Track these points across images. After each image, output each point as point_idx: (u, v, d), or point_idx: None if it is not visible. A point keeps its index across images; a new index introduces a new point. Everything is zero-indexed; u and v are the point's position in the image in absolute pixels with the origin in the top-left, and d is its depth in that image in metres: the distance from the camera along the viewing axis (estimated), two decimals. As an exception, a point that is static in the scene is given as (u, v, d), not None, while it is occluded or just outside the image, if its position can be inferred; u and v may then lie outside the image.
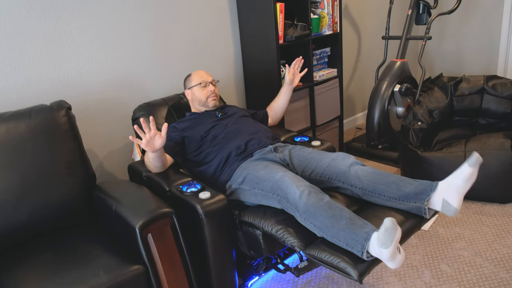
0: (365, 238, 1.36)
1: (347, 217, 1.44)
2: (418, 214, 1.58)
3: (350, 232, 1.40)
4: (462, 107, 2.80)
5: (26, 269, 1.47)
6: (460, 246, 2.12)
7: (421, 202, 1.55)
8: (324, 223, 1.45)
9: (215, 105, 2.12)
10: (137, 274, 1.45)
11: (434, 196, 1.54)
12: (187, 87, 2.15)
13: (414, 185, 1.60)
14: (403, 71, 3.14)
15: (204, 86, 2.10)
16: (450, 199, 1.50)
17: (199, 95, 2.10)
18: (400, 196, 1.60)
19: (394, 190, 1.61)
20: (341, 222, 1.43)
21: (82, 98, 2.11)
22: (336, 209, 1.48)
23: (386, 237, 1.29)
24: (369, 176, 1.69)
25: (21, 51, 1.88)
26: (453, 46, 4.18)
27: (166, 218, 1.55)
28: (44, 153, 1.66)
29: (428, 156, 2.49)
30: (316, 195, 1.53)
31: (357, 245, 1.37)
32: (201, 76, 2.12)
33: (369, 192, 1.68)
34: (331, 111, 3.08)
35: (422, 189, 1.57)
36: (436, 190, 1.54)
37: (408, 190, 1.59)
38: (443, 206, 1.53)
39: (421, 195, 1.56)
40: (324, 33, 2.88)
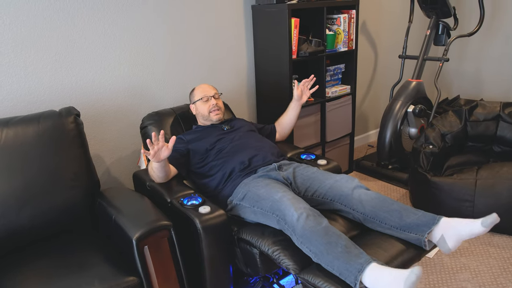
0: (358, 270, 1.34)
1: (343, 244, 1.42)
2: (418, 245, 1.55)
3: (344, 262, 1.37)
4: (476, 133, 2.74)
5: (25, 273, 1.49)
6: (465, 277, 2.06)
7: (422, 234, 1.52)
8: (320, 249, 1.43)
9: (218, 119, 2.12)
10: (131, 286, 1.45)
11: (435, 230, 1.51)
12: (192, 101, 2.16)
13: (417, 215, 1.56)
14: (418, 91, 3.10)
15: (206, 101, 2.10)
16: (448, 239, 1.48)
17: (202, 109, 2.11)
18: (402, 226, 1.57)
19: (396, 219, 1.59)
20: (336, 250, 1.41)
21: (93, 104, 2.14)
22: (332, 235, 1.46)
23: (414, 284, 1.27)
24: (372, 201, 1.67)
25: (36, 56, 1.92)
26: (472, 67, 4.11)
27: (164, 231, 1.55)
28: (50, 158, 1.69)
29: (437, 181, 2.45)
30: (315, 218, 1.51)
31: (351, 276, 1.35)
32: (203, 91, 2.13)
33: (370, 218, 1.65)
34: (342, 128, 3.05)
35: (424, 221, 1.54)
36: (438, 224, 1.51)
37: (410, 220, 1.56)
38: (439, 241, 1.50)
39: (423, 227, 1.53)
40: (339, 49, 2.86)
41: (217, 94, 2.14)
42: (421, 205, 2.61)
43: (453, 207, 2.41)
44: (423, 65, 3.20)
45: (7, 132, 1.65)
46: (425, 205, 2.57)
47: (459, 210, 2.40)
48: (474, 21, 3.94)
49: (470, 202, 2.35)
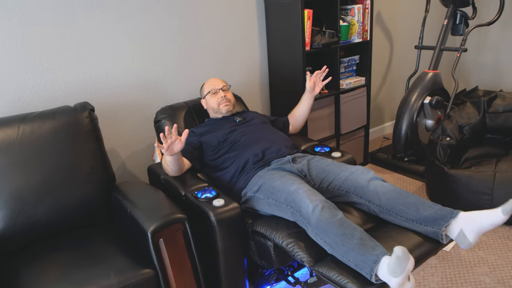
0: (374, 261, 1.33)
1: (358, 236, 1.41)
2: (434, 238, 1.53)
3: (360, 253, 1.36)
4: (495, 125, 2.68)
5: (43, 265, 1.52)
6: (483, 271, 2.03)
7: (439, 227, 1.50)
8: (335, 240, 1.42)
9: (228, 110, 2.12)
10: (147, 278, 1.47)
11: (453, 224, 1.49)
12: (202, 96, 2.18)
13: (434, 209, 1.54)
14: (435, 82, 3.04)
15: (214, 93, 2.11)
16: (468, 233, 1.45)
17: (211, 102, 2.12)
18: (418, 219, 1.55)
19: (413, 211, 1.56)
20: (352, 242, 1.40)
21: (107, 99, 2.16)
22: (348, 227, 1.45)
23: (397, 266, 1.26)
24: (388, 193, 1.64)
25: (51, 52, 1.94)
26: (491, 58, 4.01)
27: (179, 224, 1.56)
28: (66, 153, 1.71)
29: (455, 173, 2.40)
30: (330, 210, 1.50)
31: (366, 267, 1.34)
32: (211, 84, 2.14)
33: (386, 211, 1.63)
34: (357, 120, 3.02)
35: (441, 215, 1.51)
36: (456, 218, 1.49)
37: (427, 213, 1.53)
38: (458, 236, 1.47)
39: (440, 221, 1.50)
40: (353, 41, 2.82)
41: (226, 86, 2.14)
42: (438, 198, 2.57)
43: (470, 200, 2.37)
44: (440, 56, 3.14)
45: (24, 128, 1.67)
46: (442, 198, 2.53)
47: (477, 203, 2.35)
48: (493, 10, 3.83)
49: (489, 195, 2.30)
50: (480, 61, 4.10)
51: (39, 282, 1.42)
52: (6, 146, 1.63)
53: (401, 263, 1.26)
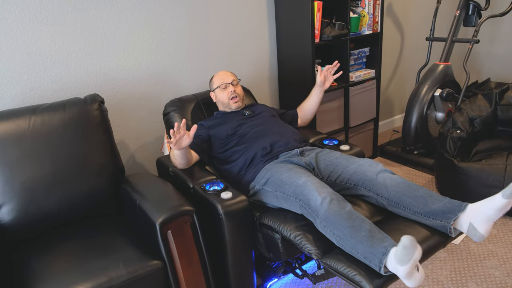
0: (383, 253, 1.32)
1: (367, 229, 1.41)
2: (443, 232, 1.52)
3: (369, 245, 1.36)
4: (507, 117, 2.64)
5: (53, 255, 1.54)
6: (492, 264, 2.01)
7: (447, 221, 1.49)
8: (343, 232, 1.42)
9: (237, 107, 2.12)
10: (155, 269, 1.49)
11: (462, 217, 1.47)
12: (211, 89, 2.17)
13: (442, 202, 1.53)
14: (446, 74, 3.00)
15: (224, 88, 2.10)
16: (477, 225, 1.43)
17: (221, 97, 2.11)
18: (427, 212, 1.54)
19: (421, 205, 1.55)
20: (360, 234, 1.39)
21: (117, 91, 2.18)
22: (356, 219, 1.44)
23: (404, 255, 1.25)
24: (397, 186, 1.64)
25: (61, 44, 1.96)
26: (504, 49, 3.95)
27: (187, 216, 1.57)
28: (76, 145, 1.73)
29: (465, 166, 2.38)
30: (338, 203, 1.50)
31: (375, 259, 1.34)
32: (221, 78, 2.12)
33: (394, 203, 1.63)
34: (366, 113, 3.00)
35: (450, 208, 1.50)
36: (464, 211, 1.47)
37: (435, 207, 1.52)
38: (469, 230, 1.46)
39: (448, 214, 1.49)
40: (363, 32, 2.80)
41: (236, 80, 2.14)
42: (448, 191, 2.55)
43: (481, 193, 2.34)
44: (451, 47, 3.09)
45: (35, 119, 1.69)
46: (451, 191, 2.51)
47: (487, 196, 2.31)
48: (506, 0, 3.76)
49: (499, 188, 2.28)
50: (493, 52, 4.04)
51: (49, 271, 1.44)
52: (18, 138, 1.66)
53: (408, 252, 1.25)
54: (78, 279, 1.39)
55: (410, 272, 1.27)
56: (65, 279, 1.39)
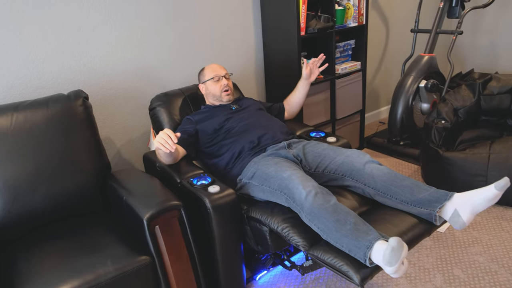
0: (367, 246, 1.34)
1: (351, 222, 1.42)
2: (428, 220, 1.54)
3: (353, 239, 1.37)
4: (490, 107, 2.69)
5: (40, 254, 1.53)
6: (476, 251, 2.05)
7: (433, 209, 1.51)
8: (328, 226, 1.43)
9: (229, 100, 2.11)
10: (144, 265, 1.48)
11: (448, 205, 1.50)
12: (201, 81, 2.15)
13: (429, 192, 1.55)
14: (431, 66, 3.03)
15: (217, 81, 2.09)
16: (462, 212, 1.46)
17: (213, 89, 2.10)
18: (413, 201, 1.56)
19: (408, 194, 1.58)
20: (345, 227, 1.41)
21: (101, 86, 2.15)
22: (341, 212, 1.45)
23: (392, 257, 1.27)
24: (383, 176, 1.65)
25: (43, 39, 1.92)
26: (487, 40, 4.00)
27: (174, 211, 1.57)
28: (60, 142, 1.71)
29: (450, 156, 2.42)
30: (323, 196, 1.51)
31: (359, 252, 1.35)
32: (214, 70, 2.11)
33: (381, 193, 1.65)
34: (352, 105, 3.02)
35: (436, 197, 1.52)
36: (451, 200, 1.50)
37: (422, 196, 1.55)
38: (452, 216, 1.48)
39: (434, 203, 1.51)
40: (348, 25, 2.80)
41: (228, 74, 2.13)
42: (433, 181, 2.59)
43: (465, 182, 2.39)
44: (435, 39, 3.12)
45: (17, 116, 1.67)
46: (437, 181, 2.55)
47: (471, 185, 2.37)
48: (489, -9, 3.80)
49: (483, 176, 2.32)
50: (476, 43, 4.09)
51: (37, 271, 1.43)
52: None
53: (395, 254, 1.27)
54: (65, 278, 1.37)
55: (397, 269, 1.29)
56: (52, 278, 1.38)
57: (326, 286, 1.91)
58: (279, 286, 1.94)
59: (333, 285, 1.91)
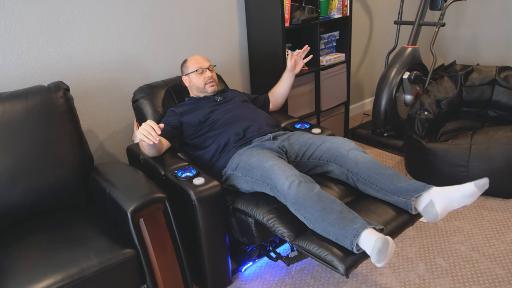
0: (354, 235, 1.35)
1: (337, 210, 1.43)
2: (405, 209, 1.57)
3: (340, 228, 1.39)
4: (471, 98, 2.73)
5: (22, 248, 1.50)
6: (458, 240, 2.09)
7: (409, 198, 1.54)
8: (314, 216, 1.44)
9: (213, 91, 2.10)
10: (128, 258, 1.47)
11: (425, 195, 1.52)
12: (184, 73, 2.13)
13: (408, 182, 1.57)
14: (414, 57, 3.06)
15: (201, 73, 2.07)
16: (437, 204, 1.48)
17: (197, 81, 2.07)
18: (391, 189, 1.58)
19: (388, 182, 1.60)
20: (331, 216, 1.42)
21: (83, 78, 2.11)
22: (326, 201, 1.46)
23: (380, 255, 1.30)
24: (367, 163, 1.67)
25: (21, 30, 1.87)
26: (469, 32, 4.05)
27: (159, 203, 1.55)
28: (41, 134, 1.67)
29: (432, 147, 2.45)
30: (306, 184, 1.51)
31: (346, 241, 1.37)
32: (198, 62, 2.08)
33: (362, 179, 1.66)
34: (337, 96, 3.03)
35: (414, 187, 1.55)
36: (429, 191, 1.52)
37: (401, 185, 1.57)
38: (426, 206, 1.50)
39: (412, 192, 1.54)
40: (333, 16, 2.80)
41: (211, 66, 2.11)
42: (416, 172, 2.62)
43: (447, 172, 2.42)
44: (418, 31, 3.15)
45: (-5, 108, 1.62)
46: (420, 171, 2.58)
47: (453, 175, 2.41)
48: (471, -17, 3.85)
49: (465, 167, 2.36)
50: (458, 35, 4.14)
51: (19, 265, 1.40)
52: (-23, 128, 1.59)
53: (383, 252, 1.30)
54: (48, 272, 1.35)
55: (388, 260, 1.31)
56: (35, 273, 1.35)
57: (312, 276, 1.93)
58: (264, 277, 1.94)
59: (319, 275, 1.93)
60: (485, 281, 1.82)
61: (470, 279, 1.84)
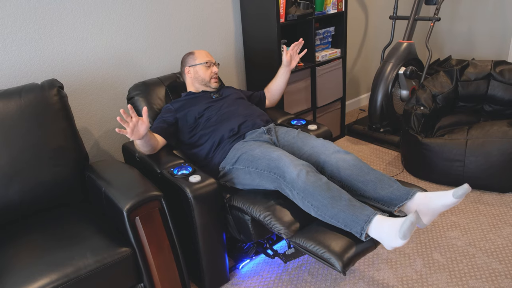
0: (365, 221, 1.37)
1: (346, 198, 1.45)
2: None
3: (351, 214, 1.40)
4: (467, 93, 2.73)
5: (17, 247, 1.49)
6: (455, 235, 2.10)
7: (393, 207, 1.56)
8: (323, 203, 1.45)
9: (216, 87, 2.11)
10: (124, 257, 1.46)
11: (409, 204, 1.54)
12: (189, 64, 2.08)
13: (391, 188, 1.58)
14: (409, 53, 3.05)
15: (209, 66, 2.08)
16: (422, 215, 1.51)
17: (203, 74, 2.06)
18: (375, 198, 1.60)
19: (371, 190, 1.60)
20: (341, 203, 1.43)
21: (77, 75, 2.09)
22: (335, 190, 1.48)
23: (408, 231, 1.30)
24: (348, 169, 1.65)
25: (14, 27, 1.85)
26: (465, 27, 4.05)
27: (155, 202, 1.54)
28: (34, 133, 1.65)
29: (428, 142, 2.45)
30: (315, 174, 1.52)
31: (357, 226, 1.38)
32: (206, 56, 2.10)
33: (346, 186, 1.67)
34: (333, 92, 3.02)
35: (398, 195, 1.55)
36: (412, 199, 1.53)
37: (384, 193, 1.57)
38: None
39: (395, 201, 1.56)
40: (328, 12, 2.79)
41: (217, 63, 2.14)
42: (413, 167, 2.62)
43: (443, 167, 2.43)
44: (414, 26, 3.14)
45: (-12, 107, 1.61)
46: (416, 167, 2.59)
47: (449, 170, 2.41)
48: (466, -22, 3.84)
49: (461, 161, 2.36)
50: (454, 30, 4.13)
51: (15, 264, 1.39)
52: (-30, 127, 1.57)
53: (413, 228, 1.30)
54: (44, 271, 1.35)
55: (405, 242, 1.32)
56: (31, 272, 1.34)
57: (309, 273, 1.93)
58: (262, 274, 1.94)
59: (316, 272, 1.93)
60: (482, 275, 1.83)
61: (467, 273, 1.84)
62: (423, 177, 2.58)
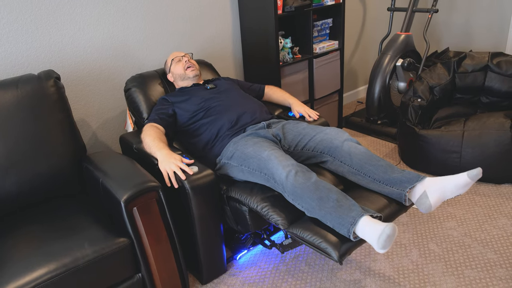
0: (351, 223, 1.36)
1: (334, 198, 1.43)
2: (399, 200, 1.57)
3: (337, 216, 1.39)
4: (464, 85, 2.73)
5: (16, 238, 1.50)
6: (451, 225, 2.11)
7: (403, 189, 1.54)
8: (311, 205, 1.45)
9: (195, 74, 2.11)
10: (122, 247, 1.47)
11: (418, 186, 1.53)
12: (167, 70, 2.18)
13: (402, 173, 1.58)
14: (407, 44, 3.05)
15: (178, 61, 2.12)
16: (430, 195, 1.49)
17: (177, 70, 2.11)
18: (385, 180, 1.59)
19: (381, 173, 1.60)
20: (328, 205, 1.42)
21: (74, 66, 2.08)
22: (323, 189, 1.46)
23: (387, 242, 1.30)
24: (360, 155, 1.67)
25: (10, 17, 1.84)
26: (462, 19, 4.04)
27: (152, 192, 1.55)
28: (32, 124, 1.65)
29: (425, 134, 2.46)
30: (303, 174, 1.51)
31: (343, 229, 1.38)
32: (173, 54, 2.18)
33: (355, 170, 1.66)
34: (331, 84, 3.02)
35: (408, 178, 1.55)
36: (422, 182, 1.53)
37: (394, 175, 1.57)
38: (420, 198, 1.51)
39: (406, 183, 1.55)
40: (326, 3, 2.78)
41: (187, 55, 2.16)
42: (410, 159, 2.63)
43: (440, 159, 2.44)
44: (412, 17, 3.14)
45: (-15, 98, 1.60)
46: (413, 159, 2.60)
47: (446, 162, 2.42)
48: (464, -31, 3.83)
49: (457, 153, 2.37)
50: (451, 22, 4.13)
51: (13, 255, 1.40)
52: (-33, 118, 1.56)
53: (390, 239, 1.31)
54: (42, 262, 1.35)
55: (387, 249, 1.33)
56: (29, 263, 1.35)
57: (306, 263, 1.94)
58: (259, 265, 1.96)
59: (313, 262, 1.94)
60: (477, 265, 1.84)
61: (463, 263, 1.86)
62: (420, 168, 2.59)
